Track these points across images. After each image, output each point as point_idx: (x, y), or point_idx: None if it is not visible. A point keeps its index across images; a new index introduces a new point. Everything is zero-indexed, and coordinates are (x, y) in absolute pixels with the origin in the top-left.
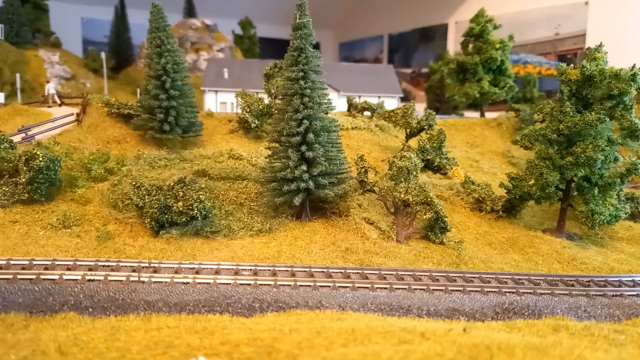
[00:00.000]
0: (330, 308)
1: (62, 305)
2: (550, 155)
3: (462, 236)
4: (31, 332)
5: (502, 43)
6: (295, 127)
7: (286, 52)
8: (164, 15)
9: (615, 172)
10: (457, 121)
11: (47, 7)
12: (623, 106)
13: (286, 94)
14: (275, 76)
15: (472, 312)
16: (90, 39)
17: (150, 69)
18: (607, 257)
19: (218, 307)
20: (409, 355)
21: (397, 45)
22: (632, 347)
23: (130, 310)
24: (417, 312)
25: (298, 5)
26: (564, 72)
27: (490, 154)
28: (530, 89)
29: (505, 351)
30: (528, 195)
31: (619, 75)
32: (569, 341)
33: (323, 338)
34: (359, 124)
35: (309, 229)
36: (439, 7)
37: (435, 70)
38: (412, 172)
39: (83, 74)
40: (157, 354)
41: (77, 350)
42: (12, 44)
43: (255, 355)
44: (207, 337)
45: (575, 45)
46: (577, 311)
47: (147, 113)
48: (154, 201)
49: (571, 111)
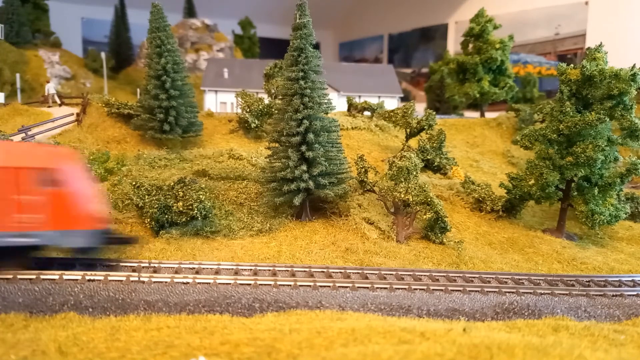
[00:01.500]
0: (330, 308)
1: (62, 305)
2: (550, 155)
3: (462, 236)
4: (31, 332)
5: (502, 43)
6: (295, 127)
7: (286, 52)
8: (164, 15)
9: (615, 172)
10: (457, 121)
11: (47, 7)
12: (623, 106)
13: (286, 94)
14: (275, 76)
15: (472, 312)
16: (90, 39)
17: (150, 69)
18: (607, 257)
19: (218, 307)
20: (409, 355)
21: (397, 45)
22: (632, 347)
23: (130, 310)
24: (417, 312)
25: (298, 5)
26: (564, 72)
27: (490, 154)
28: (530, 89)
29: (505, 351)
30: (528, 195)
31: (619, 75)
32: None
33: (323, 338)
34: (359, 124)
35: (309, 229)
36: (439, 7)
37: (435, 70)
38: (412, 172)
39: (83, 74)
40: (157, 354)
41: (77, 350)
42: (12, 44)
43: (255, 355)
44: (207, 337)
45: (575, 45)
46: (577, 311)
47: (147, 113)
48: (154, 201)
49: (571, 111)
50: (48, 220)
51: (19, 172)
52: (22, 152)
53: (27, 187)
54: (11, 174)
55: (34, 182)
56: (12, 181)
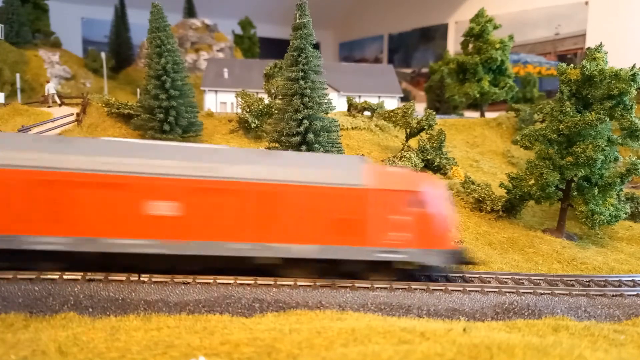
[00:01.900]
0: (330, 308)
1: (62, 305)
2: (550, 155)
3: (462, 236)
4: (31, 332)
5: (502, 43)
6: (295, 127)
7: (286, 52)
8: (164, 15)
9: (615, 172)
10: (457, 121)
11: (47, 7)
12: (623, 106)
13: (286, 94)
14: (275, 76)
15: (472, 312)
16: (90, 39)
17: (150, 69)
18: (607, 257)
19: (218, 307)
20: (409, 355)
21: (397, 45)
22: (632, 347)
23: (130, 310)
24: (417, 312)
25: (298, 5)
26: (564, 72)
27: (490, 154)
28: (530, 89)
29: (505, 351)
30: (528, 195)
31: (619, 75)
32: (569, 341)
33: (323, 338)
34: (359, 124)
35: None
36: (439, 7)
37: (435, 70)
38: None
39: (83, 74)
40: (157, 354)
41: (77, 350)
42: (12, 44)
43: (255, 355)
44: (207, 337)
45: (575, 45)
46: (577, 311)
47: (147, 113)
48: None
49: (571, 111)
50: (414, 238)
51: (395, 194)
52: (397, 177)
53: (399, 208)
54: (390, 196)
55: (405, 204)
56: (389, 202)
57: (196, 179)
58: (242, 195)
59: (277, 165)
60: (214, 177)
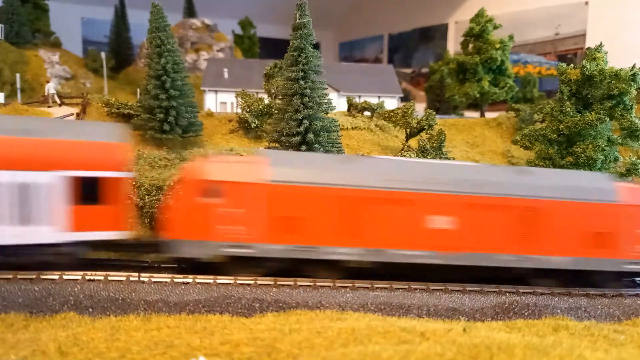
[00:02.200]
0: (330, 308)
1: (62, 305)
2: (550, 155)
3: None
4: (31, 332)
5: (502, 43)
6: (295, 127)
7: (286, 52)
8: (164, 15)
9: (615, 172)
10: (457, 121)
11: (47, 7)
12: (623, 106)
13: (286, 94)
14: (275, 76)
15: (472, 312)
16: (90, 39)
17: (150, 69)
18: None
19: (218, 307)
20: (409, 355)
21: (397, 45)
22: (632, 347)
23: (130, 310)
24: (417, 312)
25: (298, 5)
26: (564, 72)
27: (490, 154)
28: (530, 89)
29: (505, 351)
30: None
31: (619, 75)
32: (569, 341)
33: (323, 338)
34: (359, 124)
35: None
36: (439, 7)
37: (435, 70)
38: None
39: (83, 74)
40: (157, 354)
41: (77, 350)
42: (12, 44)
43: (255, 355)
44: (207, 337)
45: (575, 45)
46: (577, 311)
47: (147, 113)
48: (154, 201)
49: (571, 111)
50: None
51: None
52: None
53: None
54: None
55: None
56: (639, 217)
57: (470, 195)
58: (509, 210)
59: (539, 182)
60: (485, 193)
